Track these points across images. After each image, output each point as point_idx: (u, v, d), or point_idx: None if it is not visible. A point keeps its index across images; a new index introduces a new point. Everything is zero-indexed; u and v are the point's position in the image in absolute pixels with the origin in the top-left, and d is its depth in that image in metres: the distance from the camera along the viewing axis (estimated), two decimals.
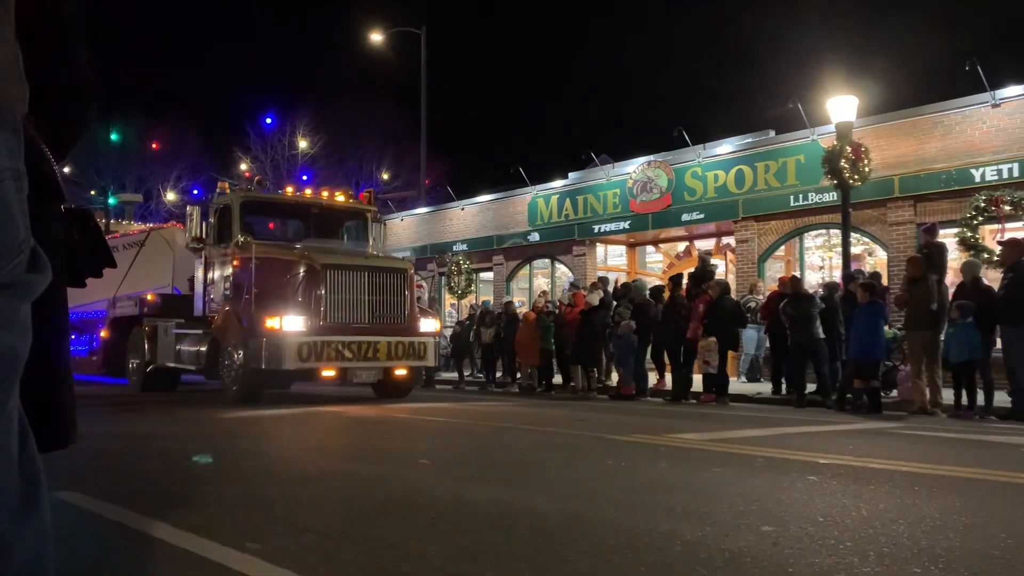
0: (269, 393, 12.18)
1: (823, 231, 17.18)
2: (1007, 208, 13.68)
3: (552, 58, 59.77)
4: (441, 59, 33.90)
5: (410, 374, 12.75)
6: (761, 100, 41.23)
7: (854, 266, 13.84)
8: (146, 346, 14.14)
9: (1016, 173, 13.95)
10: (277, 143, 41.26)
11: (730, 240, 18.94)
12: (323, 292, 11.58)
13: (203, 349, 12.62)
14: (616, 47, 56.66)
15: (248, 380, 11.44)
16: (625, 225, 20.12)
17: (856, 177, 13.22)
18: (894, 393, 11.75)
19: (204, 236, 12.99)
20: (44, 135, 1.66)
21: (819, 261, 17.42)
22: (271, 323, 11.09)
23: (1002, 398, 10.32)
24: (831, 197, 15.38)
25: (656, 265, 22.17)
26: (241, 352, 11.43)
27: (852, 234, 13.82)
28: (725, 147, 18.79)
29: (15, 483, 1.35)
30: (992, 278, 11.50)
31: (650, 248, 22.13)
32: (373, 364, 11.78)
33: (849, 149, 13.15)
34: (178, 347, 13.52)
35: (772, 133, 18.30)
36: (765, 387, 14.03)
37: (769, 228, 17.71)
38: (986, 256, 13.40)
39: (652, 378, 14.08)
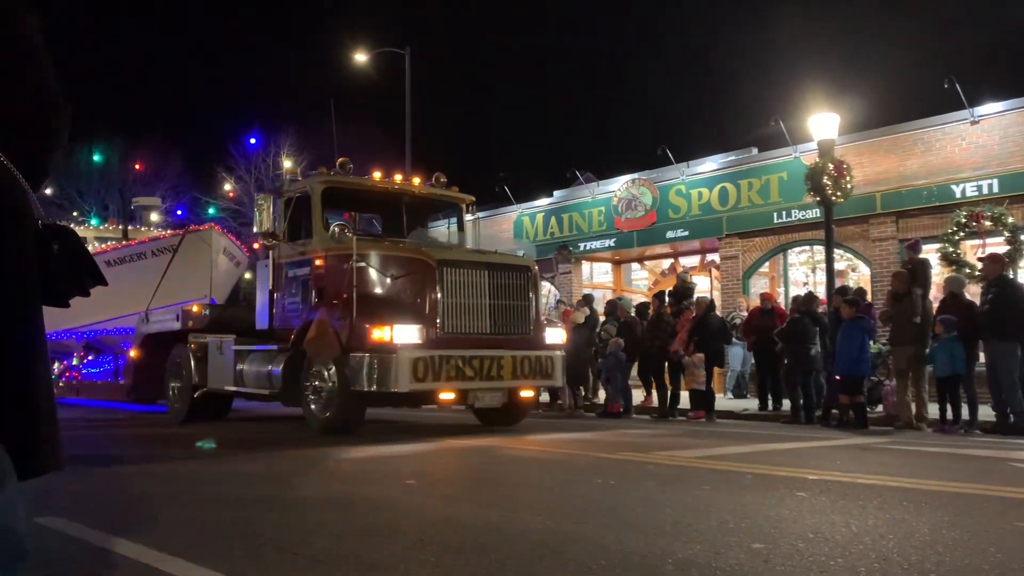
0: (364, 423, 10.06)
1: (807, 247, 17.30)
2: (987, 224, 13.85)
3: (536, 76, 60.15)
4: (425, 79, 34.05)
5: (535, 397, 10.87)
6: (744, 118, 41.61)
7: (838, 282, 13.93)
8: (193, 367, 11.80)
9: (996, 189, 14.12)
10: (261, 163, 41.21)
11: (715, 257, 19.03)
12: (439, 295, 9.30)
13: (277, 369, 10.16)
14: (600, 66, 57.11)
15: (345, 406, 9.32)
16: (610, 243, 20.19)
17: (838, 194, 13.32)
18: (879, 408, 11.79)
19: (277, 232, 10.68)
20: (13, 156, 1.65)
21: (803, 277, 17.53)
22: (378, 334, 8.87)
23: (986, 412, 10.38)
24: (814, 214, 15.51)
25: (641, 282, 22.23)
26: (336, 371, 9.28)
27: (835, 250, 13.92)
28: (709, 165, 18.93)
29: None
30: (974, 292, 11.60)
31: (635, 265, 22.20)
32: (497, 384, 9.48)
33: (831, 166, 13.25)
34: (239, 367, 11.00)
35: (755, 151, 18.45)
36: (752, 403, 14.05)
37: (753, 245, 17.81)
38: (968, 271, 13.52)
39: (638, 395, 14.07)
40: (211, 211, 38.68)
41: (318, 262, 10.28)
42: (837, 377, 11.15)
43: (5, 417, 1.57)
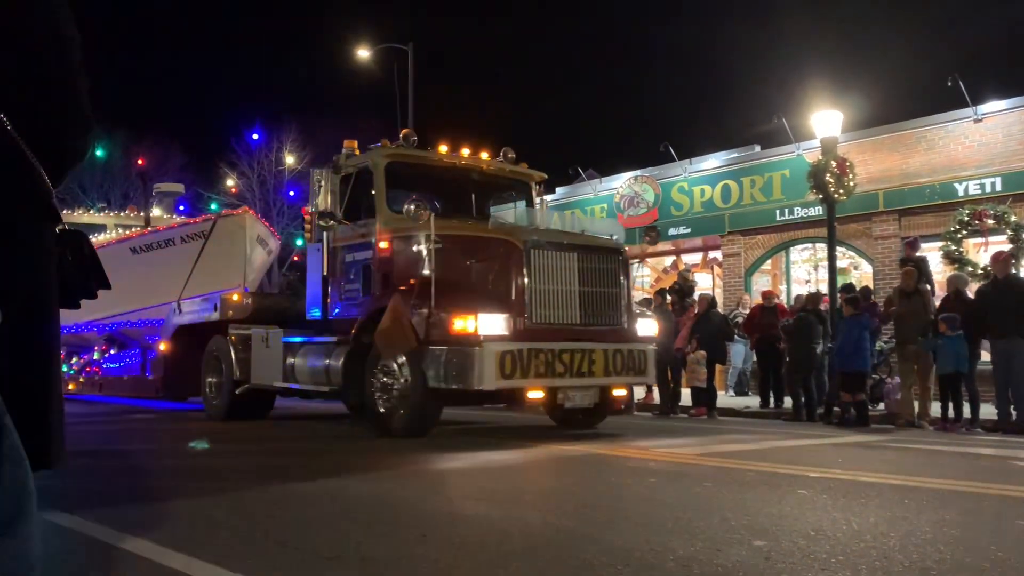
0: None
1: (809, 245, 17.29)
2: (990, 222, 13.83)
3: (538, 74, 60.10)
4: (428, 74, 34.04)
5: (628, 396, 9.92)
6: (746, 115, 41.61)
7: (840, 280, 13.92)
8: (234, 360, 10.87)
9: (999, 187, 14.10)
10: (264, 159, 41.23)
11: (717, 254, 19.03)
12: (526, 280, 8.30)
13: (337, 363, 9.17)
14: (602, 63, 57.05)
15: (420, 406, 8.33)
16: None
17: (841, 191, 13.32)
18: (881, 406, 11.79)
19: (334, 210, 9.47)
20: (42, 159, 1.71)
21: (805, 275, 17.52)
22: (460, 325, 7.91)
23: (988, 410, 10.37)
24: (816, 211, 15.49)
25: (644, 279, 22.22)
26: (408, 366, 8.31)
27: (838, 248, 13.91)
28: (711, 162, 18.91)
29: None
30: (975, 291, 11.60)
31: (636, 263, 22.17)
32: (589, 382, 8.46)
33: (834, 164, 13.25)
34: (290, 361, 10.06)
35: (757, 148, 18.44)
36: (753, 401, 14.06)
37: (755, 242, 17.80)
38: (970, 269, 13.52)
39: (638, 392, 14.07)
40: (213, 207, 38.72)
41: (383, 244, 9.29)
42: (830, 373, 11.15)
43: (23, 414, 1.60)
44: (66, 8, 1.84)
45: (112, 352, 16.13)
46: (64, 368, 15.68)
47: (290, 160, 41.03)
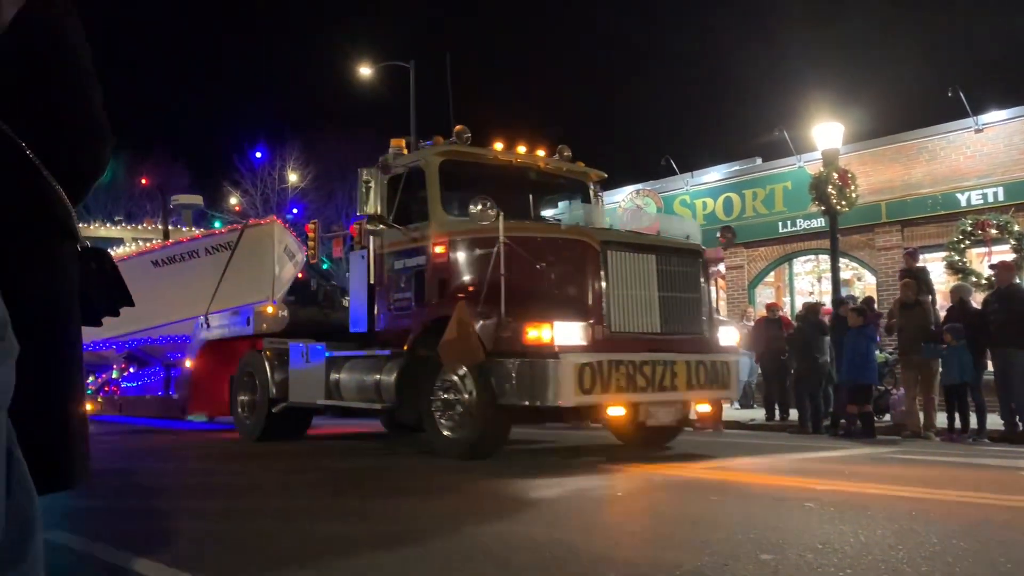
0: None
1: (812, 257, 17.29)
2: (993, 232, 13.83)
3: (539, 87, 60.34)
4: (430, 91, 34.15)
5: (715, 412, 9.35)
6: (747, 128, 41.68)
7: (844, 291, 13.92)
8: (270, 377, 10.16)
9: (1001, 197, 14.11)
10: (267, 176, 41.39)
11: (720, 267, 19.03)
12: (604, 285, 7.61)
13: (389, 379, 8.45)
14: (603, 76, 57.26)
15: (487, 424, 7.59)
16: None
17: (843, 203, 13.34)
18: (887, 417, 11.75)
19: (383, 213, 8.88)
20: (59, 176, 1.73)
21: (809, 287, 17.51)
22: (534, 334, 7.20)
23: (994, 420, 10.34)
24: (819, 223, 15.50)
25: None
26: (473, 381, 7.59)
27: (841, 259, 13.91)
28: (713, 175, 18.95)
29: None
30: (980, 301, 11.58)
31: None
32: (672, 396, 7.70)
33: (836, 175, 13.27)
34: (334, 377, 9.34)
35: (759, 160, 18.48)
36: (758, 413, 14.01)
37: (758, 255, 17.82)
38: (974, 279, 13.51)
39: None
40: (217, 224, 38.83)
41: (438, 249, 8.60)
42: (835, 385, 11.12)
43: (44, 433, 1.61)
44: (75, 19, 1.85)
45: (132, 370, 15.54)
46: None
47: (293, 178, 41.18)
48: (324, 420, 11.55)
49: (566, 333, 7.23)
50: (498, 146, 9.50)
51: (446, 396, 7.89)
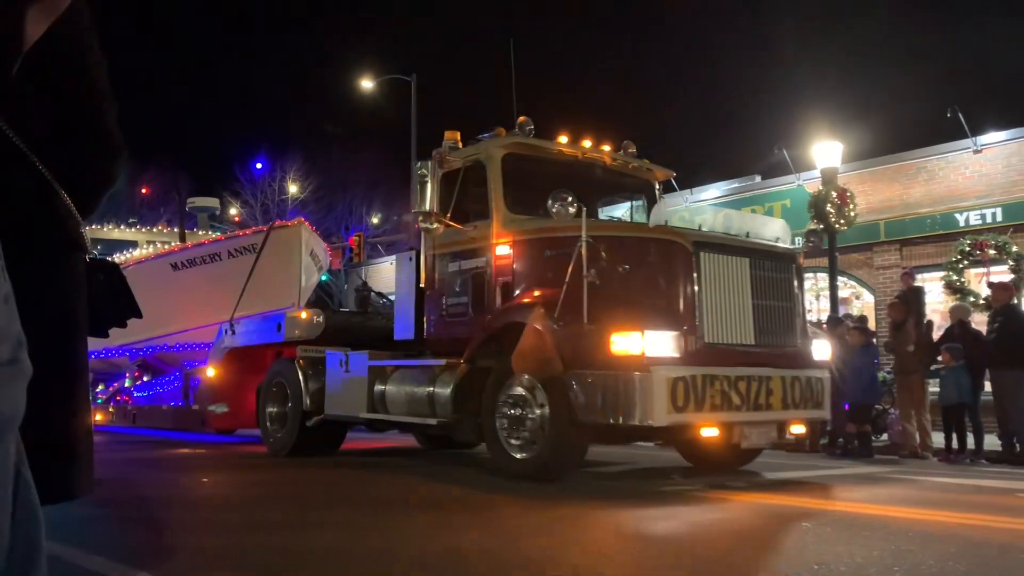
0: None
1: (810, 275, 17.29)
2: (991, 252, 13.86)
3: (538, 104, 60.52)
4: (430, 103, 34.33)
5: (809, 434, 8.41)
6: (747, 146, 41.82)
7: (841, 310, 13.92)
8: (303, 388, 9.44)
9: (1000, 217, 14.15)
10: (267, 188, 41.47)
11: None
12: (697, 290, 6.82)
13: (445, 391, 7.77)
14: (602, 92, 57.49)
15: (561, 443, 6.83)
16: None
17: (842, 222, 13.36)
18: (884, 437, 11.73)
19: (437, 211, 8.18)
20: (69, 187, 1.73)
21: (807, 304, 17.51)
22: (622, 344, 6.38)
23: (992, 441, 10.32)
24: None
25: None
26: (549, 395, 6.80)
27: (839, 278, 13.92)
28: (712, 191, 19.00)
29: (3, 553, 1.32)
30: (979, 321, 11.59)
31: None
32: (768, 416, 6.94)
33: (834, 194, 13.31)
34: (379, 388, 8.63)
35: (758, 178, 18.53)
36: None
37: None
38: (972, 300, 13.52)
39: None
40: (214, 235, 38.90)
41: (502, 250, 7.88)
42: (845, 406, 11.09)
43: (48, 443, 1.62)
44: (91, 31, 1.87)
45: (145, 379, 14.78)
46: (89, 397, 15.18)
47: (293, 189, 41.25)
48: (352, 434, 10.78)
49: (657, 343, 6.42)
50: (563, 138, 8.66)
51: (513, 411, 7.13)
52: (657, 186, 9.54)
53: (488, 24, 57.29)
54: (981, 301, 13.35)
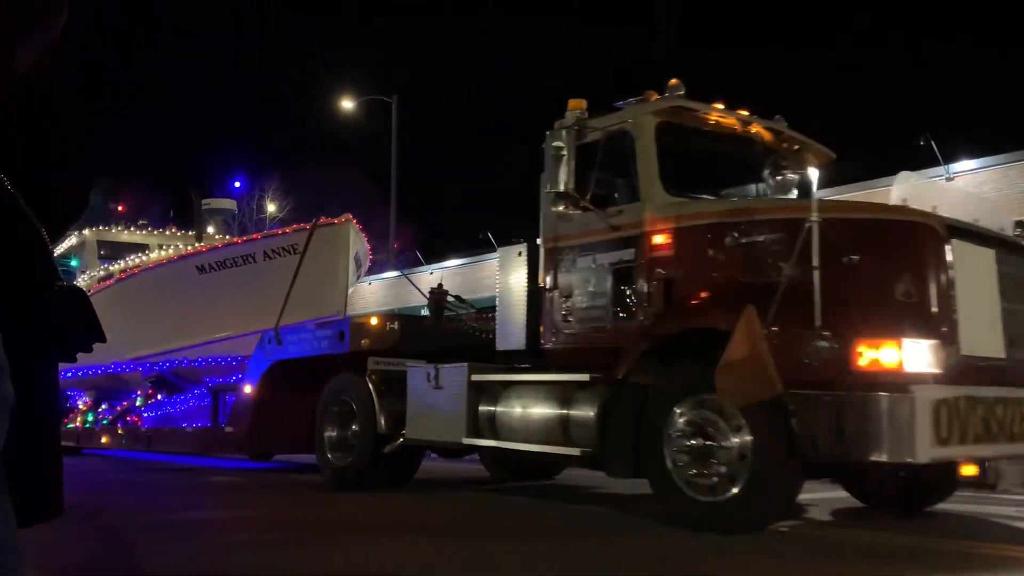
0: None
1: None
2: None
3: (521, 122, 60.94)
4: (411, 123, 34.47)
5: None
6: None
7: None
8: (378, 407, 8.06)
9: None
10: (245, 207, 41.38)
11: None
12: (952, 286, 5.35)
13: (587, 414, 6.23)
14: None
15: (771, 481, 5.29)
16: None
17: None
18: None
19: (574, 190, 6.43)
20: (39, 213, 1.75)
21: None
22: (871, 355, 4.97)
23: None
24: None
25: None
26: (754, 420, 5.27)
27: None
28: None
29: None
30: None
31: None
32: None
33: None
34: (486, 408, 7.17)
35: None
36: None
37: None
38: None
39: None
40: None
41: (659, 239, 6.35)
42: None
43: (18, 470, 1.64)
44: (70, 67, 1.88)
45: (160, 397, 13.27)
46: (90, 417, 14.17)
47: (271, 208, 41.19)
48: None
49: (916, 356, 5.00)
50: (720, 104, 7.18)
51: (694, 442, 5.58)
52: (819, 168, 7.78)
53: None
54: None
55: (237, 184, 41.60)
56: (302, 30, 59.31)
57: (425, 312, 10.46)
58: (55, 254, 1.91)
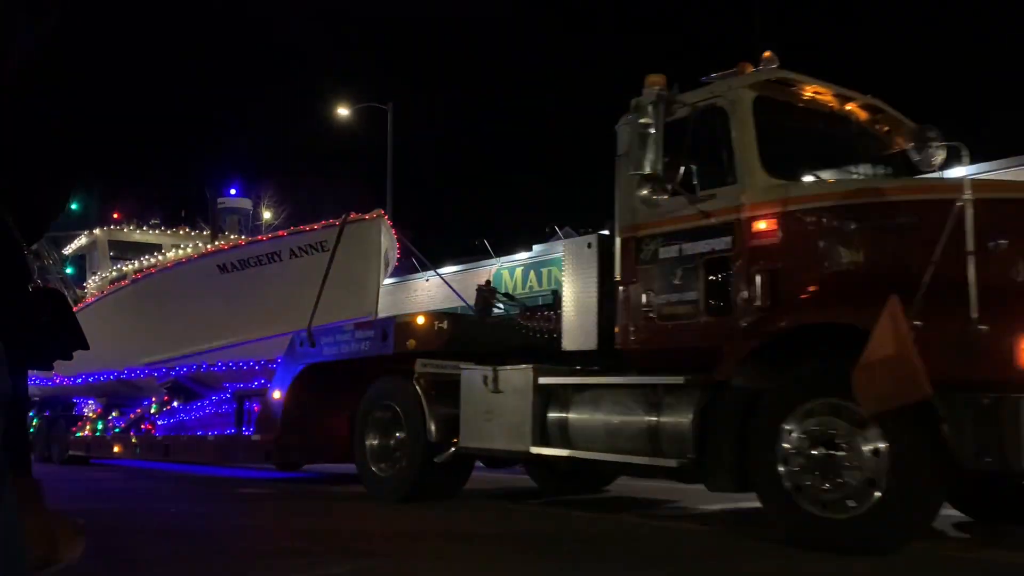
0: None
1: None
2: None
3: (518, 131, 61.20)
4: (407, 131, 34.67)
5: None
6: None
7: None
8: (427, 413, 7.47)
9: None
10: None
11: None
12: None
13: (682, 420, 5.63)
14: (580, 121, 58.31)
15: (915, 496, 4.69)
16: None
17: None
18: None
19: (662, 173, 5.81)
20: (17, 220, 1.76)
21: None
22: None
23: None
24: None
25: None
26: (894, 427, 4.64)
27: None
28: None
29: None
30: None
31: None
32: None
33: None
34: (558, 415, 6.58)
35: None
36: None
37: None
38: None
39: None
40: None
41: (761, 225, 5.68)
42: None
43: None
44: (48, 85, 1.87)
45: (175, 404, 12.68)
46: (100, 425, 13.79)
47: (267, 215, 41.31)
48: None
49: None
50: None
51: (814, 451, 4.93)
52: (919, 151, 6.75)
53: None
54: None
55: (233, 192, 41.69)
56: (301, 36, 59.52)
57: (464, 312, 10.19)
58: (57, 256, 1.90)
